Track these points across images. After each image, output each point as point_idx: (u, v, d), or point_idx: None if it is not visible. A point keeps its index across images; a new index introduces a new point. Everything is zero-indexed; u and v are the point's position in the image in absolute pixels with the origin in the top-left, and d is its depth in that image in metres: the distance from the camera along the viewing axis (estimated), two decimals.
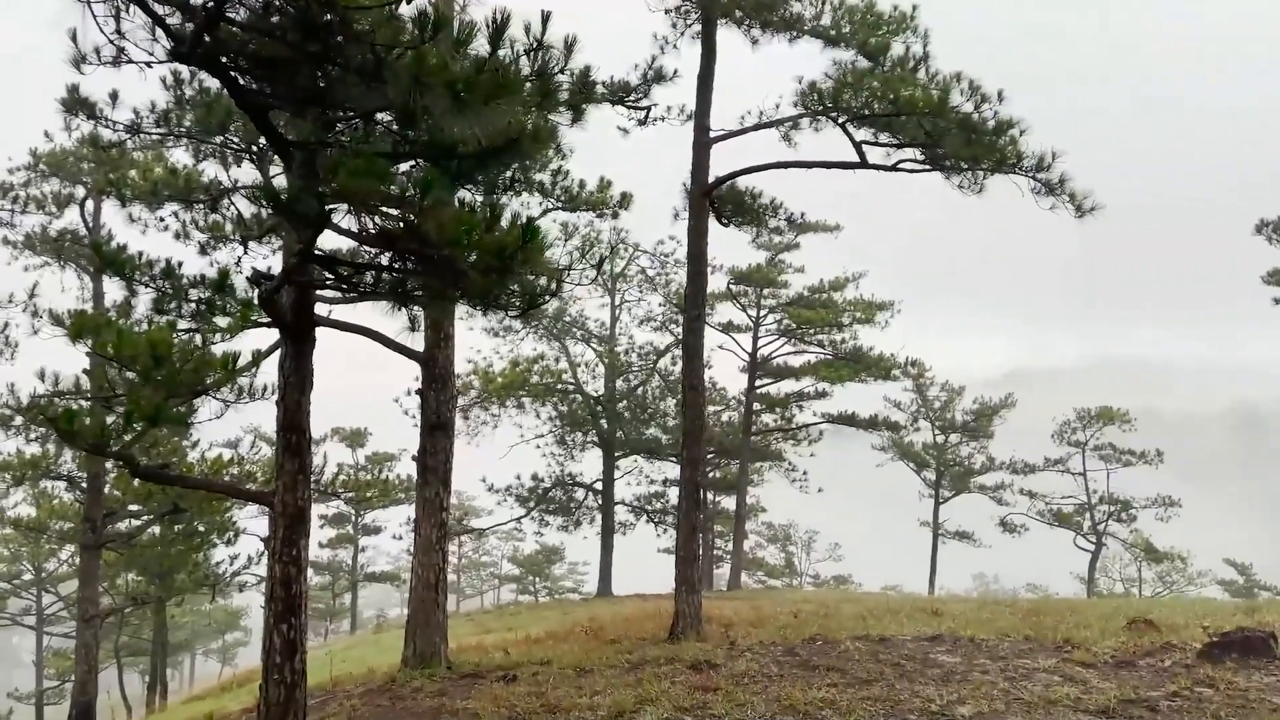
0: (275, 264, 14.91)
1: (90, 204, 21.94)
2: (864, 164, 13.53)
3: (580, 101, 9.52)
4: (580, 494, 35.78)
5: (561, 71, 7.24)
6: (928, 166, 13.43)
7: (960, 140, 12.56)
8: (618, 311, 36.09)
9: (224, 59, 6.56)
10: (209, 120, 13.01)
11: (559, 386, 34.46)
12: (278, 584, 8.15)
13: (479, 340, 36.65)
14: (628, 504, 35.79)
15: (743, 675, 9.23)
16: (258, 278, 8.16)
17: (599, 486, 34.58)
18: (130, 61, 6.88)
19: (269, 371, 9.98)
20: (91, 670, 21.06)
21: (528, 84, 6.65)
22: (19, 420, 20.23)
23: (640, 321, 36.38)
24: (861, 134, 13.57)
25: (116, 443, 8.48)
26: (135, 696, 31.73)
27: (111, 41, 6.53)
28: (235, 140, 14.31)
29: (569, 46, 7.23)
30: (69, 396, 17.01)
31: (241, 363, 8.62)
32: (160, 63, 7.29)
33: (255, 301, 8.20)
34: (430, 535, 11.84)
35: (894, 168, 13.55)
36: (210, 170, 15.47)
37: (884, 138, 13.57)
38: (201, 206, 15.15)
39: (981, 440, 42.75)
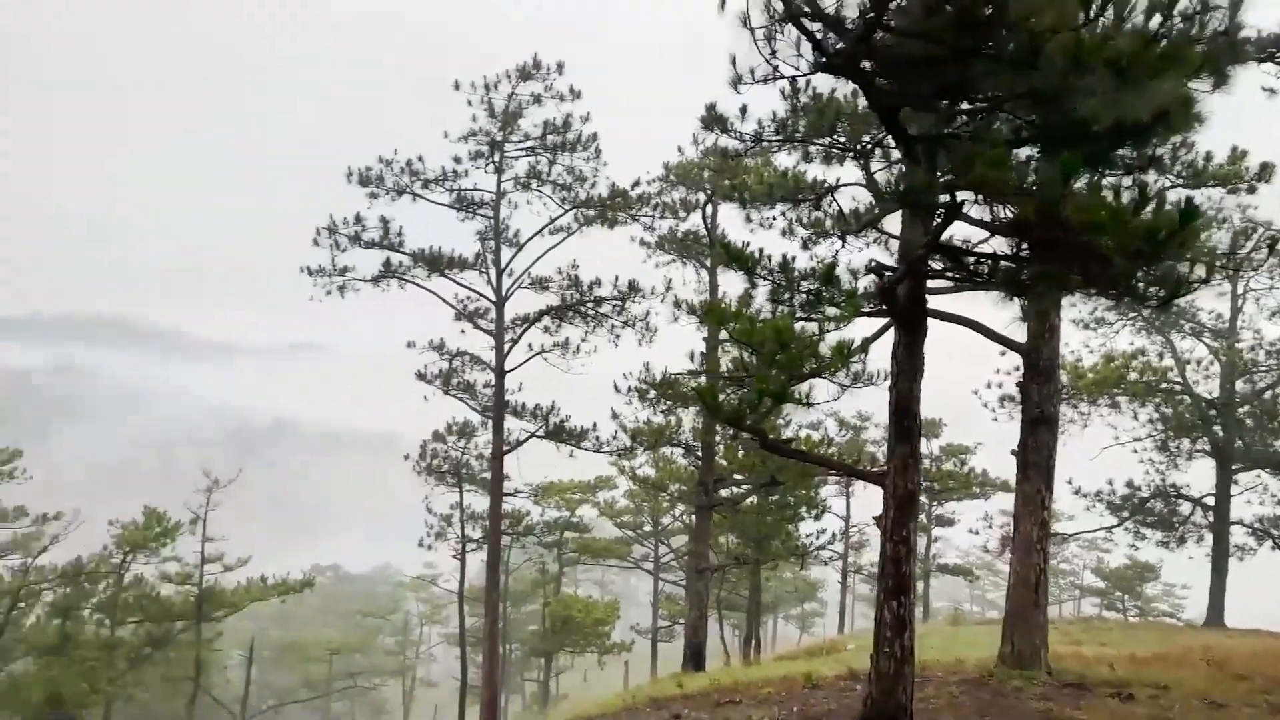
0: (868, 257, 15.57)
1: (709, 207, 25.04)
2: None
3: (1228, 63, 8.39)
4: (1185, 508, 31.58)
5: (1225, 33, 6.46)
6: None
7: None
8: (1240, 301, 31.01)
9: (863, 65, 7.03)
10: (820, 124, 13.95)
11: (1162, 386, 30.77)
12: (888, 562, 8.54)
13: (1065, 332, 34.06)
14: (1247, 525, 30.70)
15: None
16: (879, 269, 8.60)
17: (1210, 501, 30.24)
18: (780, 77, 7.70)
19: (875, 358, 10.46)
20: (702, 616, 24.14)
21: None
22: (652, 394, 23.89)
23: (1271, 314, 30.83)
24: None
25: (747, 418, 9.56)
26: (729, 647, 35.54)
27: (767, 60, 7.37)
28: (840, 141, 15.16)
29: (1235, 1, 6.42)
30: (695, 375, 19.67)
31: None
32: (804, 75, 8.06)
33: (867, 291, 8.65)
34: (1030, 533, 11.41)
35: None
36: (811, 170, 16.65)
37: None
38: (805, 205, 16.40)
39: None
